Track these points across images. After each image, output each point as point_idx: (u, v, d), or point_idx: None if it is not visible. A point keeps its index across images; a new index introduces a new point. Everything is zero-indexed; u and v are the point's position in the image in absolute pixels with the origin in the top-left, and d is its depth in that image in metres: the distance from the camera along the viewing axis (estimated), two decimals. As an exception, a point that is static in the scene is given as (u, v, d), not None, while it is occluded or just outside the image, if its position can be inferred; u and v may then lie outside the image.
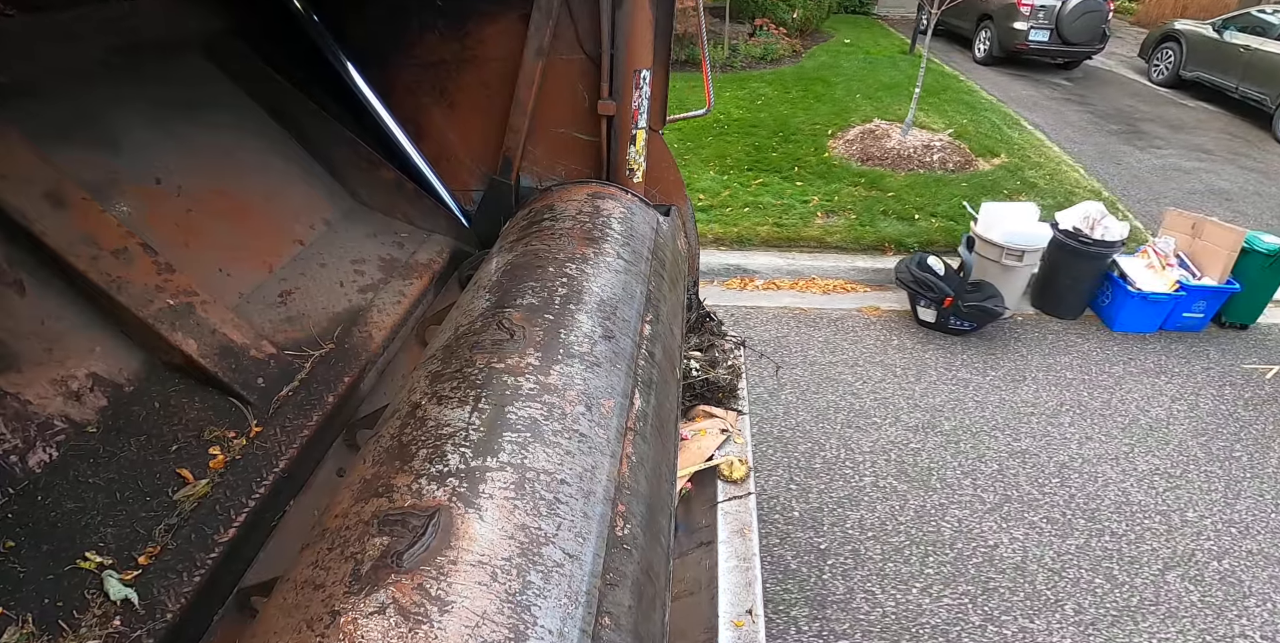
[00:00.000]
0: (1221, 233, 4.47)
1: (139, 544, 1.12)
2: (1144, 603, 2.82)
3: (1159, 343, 4.57)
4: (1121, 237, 4.49)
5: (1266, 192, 7.10)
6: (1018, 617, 2.74)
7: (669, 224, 2.10)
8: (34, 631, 0.97)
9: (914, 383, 4.05)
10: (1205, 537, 3.13)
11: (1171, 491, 3.38)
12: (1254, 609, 2.81)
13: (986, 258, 4.49)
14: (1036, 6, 10.11)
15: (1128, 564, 2.98)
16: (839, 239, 5.26)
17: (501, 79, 1.99)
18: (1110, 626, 2.72)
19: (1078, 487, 3.38)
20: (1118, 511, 3.25)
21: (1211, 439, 3.74)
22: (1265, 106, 8.97)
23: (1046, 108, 9.14)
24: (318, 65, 1.95)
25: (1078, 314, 4.80)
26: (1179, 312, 4.59)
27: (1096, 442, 3.68)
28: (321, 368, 1.49)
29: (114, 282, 1.27)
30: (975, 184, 6.21)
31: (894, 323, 4.62)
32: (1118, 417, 3.88)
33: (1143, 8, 15.60)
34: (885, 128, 6.96)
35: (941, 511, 3.21)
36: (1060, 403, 3.97)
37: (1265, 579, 2.95)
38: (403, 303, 1.75)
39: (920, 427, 3.71)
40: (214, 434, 1.32)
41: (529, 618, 0.85)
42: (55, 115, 1.39)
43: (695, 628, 1.66)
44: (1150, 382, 4.19)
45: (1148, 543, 3.09)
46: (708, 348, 2.40)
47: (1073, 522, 3.18)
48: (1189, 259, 4.63)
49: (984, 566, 2.95)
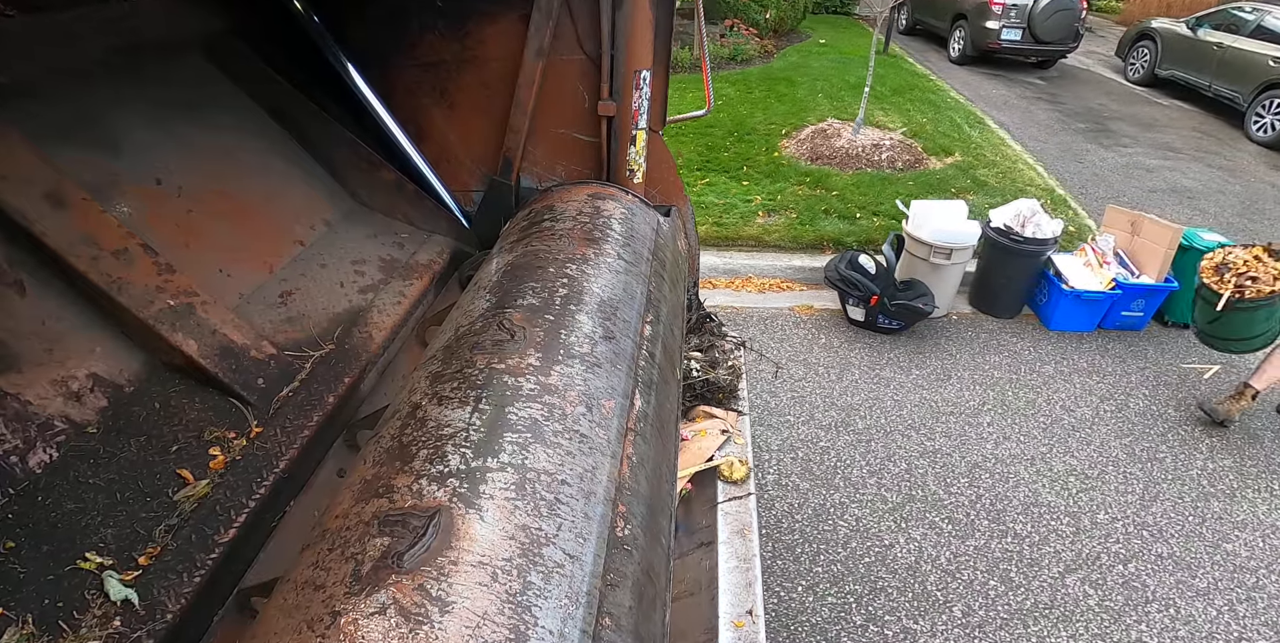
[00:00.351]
0: (1159, 230, 4.37)
1: (139, 545, 1.12)
2: (1038, 606, 2.75)
3: (1095, 342, 4.50)
4: (1054, 234, 4.41)
5: (1230, 190, 7.07)
6: (902, 617, 2.68)
7: (669, 225, 2.10)
8: (34, 631, 0.97)
9: (835, 382, 3.98)
10: (1114, 540, 3.06)
11: (1085, 492, 3.31)
12: (1155, 615, 2.74)
13: (916, 256, 4.45)
14: (1008, 5, 10.10)
15: (1027, 567, 2.91)
16: (777, 238, 5.24)
17: (501, 79, 1.99)
18: (998, 629, 2.65)
19: (986, 487, 3.31)
20: (1025, 512, 3.18)
21: (1136, 440, 3.68)
22: (1237, 104, 8.96)
23: (1015, 106, 9.12)
24: (318, 66, 1.95)
25: (1015, 313, 4.74)
26: (1117, 310, 4.52)
27: (1014, 442, 3.62)
28: (322, 368, 1.49)
29: (114, 282, 1.27)
30: (922, 183, 6.17)
31: (825, 322, 4.56)
32: (1040, 417, 3.81)
33: (1128, 7, 15.58)
34: (838, 127, 6.94)
35: (841, 509, 3.15)
36: (982, 402, 3.89)
37: (1171, 585, 2.87)
38: (403, 303, 1.75)
39: (834, 425, 3.65)
40: (214, 435, 1.32)
41: (529, 619, 0.85)
42: (55, 115, 1.39)
43: (695, 629, 1.66)
44: (1081, 381, 4.12)
45: (1051, 545, 3.02)
46: (708, 348, 2.40)
47: (975, 523, 3.11)
48: (1128, 257, 4.55)
49: (875, 565, 2.89)
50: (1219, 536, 3.11)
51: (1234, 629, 2.70)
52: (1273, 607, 2.80)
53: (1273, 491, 3.39)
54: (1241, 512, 3.25)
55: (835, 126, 6.95)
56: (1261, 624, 2.72)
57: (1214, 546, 3.06)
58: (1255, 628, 2.71)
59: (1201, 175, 7.37)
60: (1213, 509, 3.25)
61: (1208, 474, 3.47)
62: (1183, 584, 2.87)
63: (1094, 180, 6.96)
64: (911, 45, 12.06)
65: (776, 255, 5.15)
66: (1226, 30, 9.32)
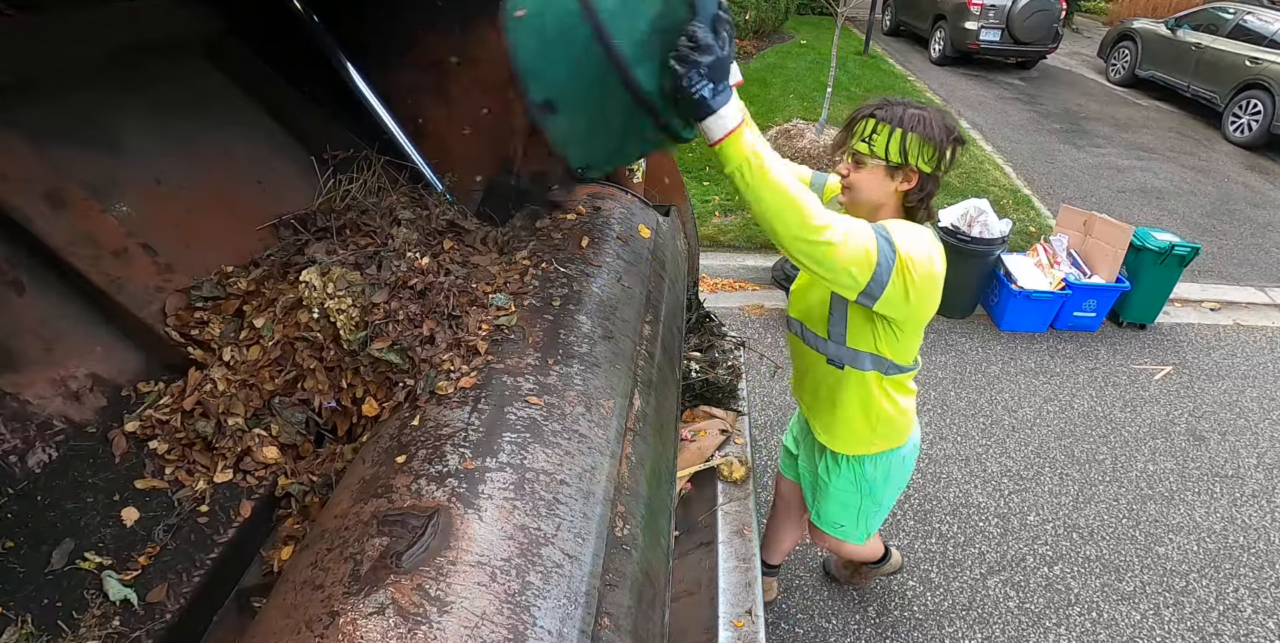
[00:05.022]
0: (1111, 230, 4.32)
1: (139, 544, 1.12)
2: (955, 607, 2.70)
3: (1046, 343, 4.45)
4: (1002, 234, 4.36)
5: (1201, 190, 7.02)
6: (814, 616, 2.63)
7: (669, 224, 2.10)
8: (33, 631, 0.97)
9: (775, 381, 3.89)
10: (1041, 542, 3.01)
11: (1018, 493, 3.26)
12: (1076, 618, 2.68)
13: None
14: (987, 6, 10.07)
15: (949, 567, 2.86)
16: (732, 238, 5.22)
17: (501, 79, 1.99)
18: (912, 629, 2.61)
19: (915, 487, 3.25)
20: (953, 513, 3.12)
21: (1077, 442, 3.61)
22: (1215, 105, 8.93)
23: (990, 107, 9.08)
24: (318, 66, 1.95)
25: (967, 313, 4.69)
26: (1068, 311, 4.46)
27: (950, 442, 3.55)
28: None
29: (114, 282, 1.28)
30: None
31: (773, 322, 4.48)
32: (980, 417, 3.75)
33: (1114, 7, 15.53)
34: (802, 127, 6.89)
35: (766, 507, 3.05)
36: (922, 402, 3.79)
37: (1097, 588, 2.81)
38: (403, 303, 1.75)
39: (768, 425, 3.58)
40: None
41: (528, 619, 0.85)
42: (55, 115, 1.39)
43: (695, 628, 1.66)
44: (1026, 382, 4.06)
45: (976, 546, 2.96)
46: (707, 348, 2.40)
47: (901, 522, 3.06)
48: (1081, 257, 4.50)
49: (792, 564, 2.83)
50: (1152, 539, 3.06)
51: (1157, 634, 2.65)
52: (1200, 611, 2.75)
53: (1213, 493, 3.34)
54: (1178, 515, 3.20)
55: (800, 127, 6.91)
56: (1187, 629, 2.67)
57: (1145, 549, 3.01)
58: (1180, 633, 2.66)
59: (1173, 176, 7.33)
60: (1148, 512, 3.20)
61: (1147, 477, 3.42)
62: (1109, 588, 2.82)
63: (1062, 181, 6.91)
64: (894, 46, 12.00)
65: (730, 255, 5.14)
66: (1206, 30, 9.32)
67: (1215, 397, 4.07)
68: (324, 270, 1.34)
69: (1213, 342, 4.65)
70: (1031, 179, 6.79)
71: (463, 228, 1.65)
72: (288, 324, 1.33)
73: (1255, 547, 3.06)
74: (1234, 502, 3.31)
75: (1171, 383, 4.17)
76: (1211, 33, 9.20)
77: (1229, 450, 3.64)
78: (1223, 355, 4.50)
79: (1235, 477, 3.46)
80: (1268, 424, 3.87)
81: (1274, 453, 3.65)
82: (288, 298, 1.34)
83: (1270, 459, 3.60)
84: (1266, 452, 3.65)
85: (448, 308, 1.31)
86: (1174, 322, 4.81)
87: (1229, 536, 3.11)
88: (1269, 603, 2.81)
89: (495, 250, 1.60)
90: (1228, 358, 4.47)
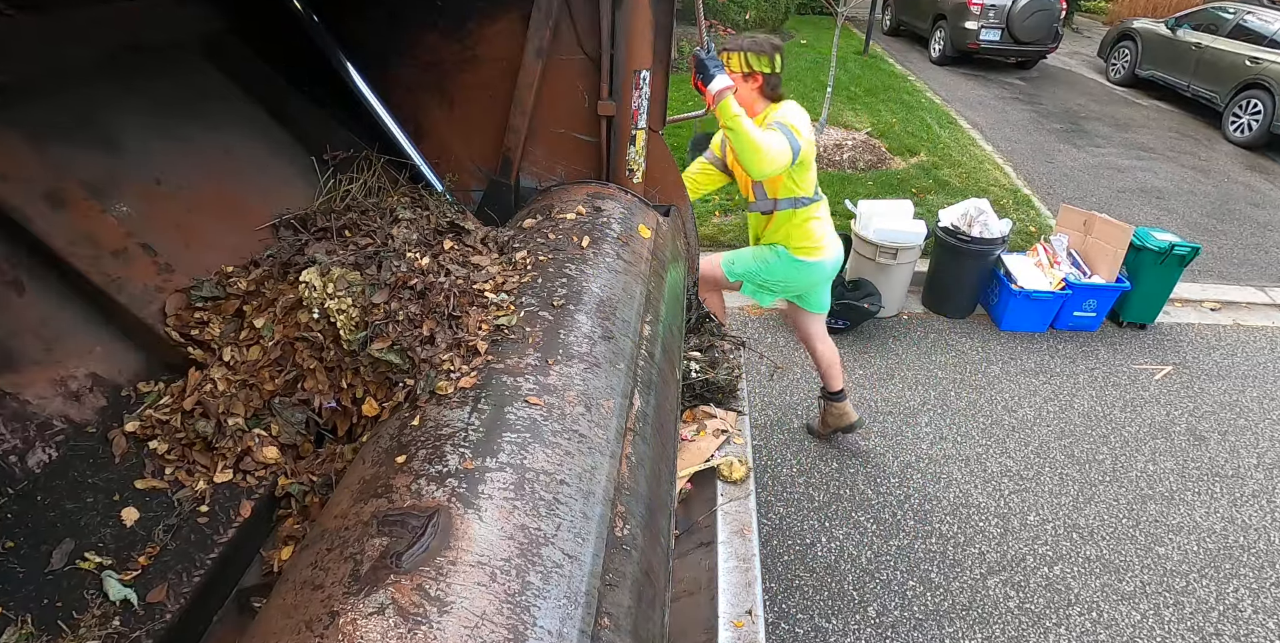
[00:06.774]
0: (1111, 230, 4.31)
1: (139, 545, 1.12)
2: (955, 607, 2.69)
3: (1046, 343, 4.44)
4: (1002, 234, 4.37)
5: (1201, 190, 7.00)
6: (814, 616, 2.63)
7: (669, 224, 2.10)
8: (33, 631, 0.98)
9: (775, 381, 3.89)
10: (1042, 542, 3.00)
11: (1017, 493, 3.25)
12: (1076, 618, 2.66)
13: (864, 256, 4.41)
14: (987, 5, 10.05)
15: (949, 567, 2.85)
16: (731, 238, 5.19)
17: (501, 79, 1.99)
18: (912, 629, 2.60)
19: (916, 487, 3.24)
20: (953, 513, 3.12)
21: (1076, 442, 3.60)
22: (1215, 104, 8.91)
23: (991, 107, 9.05)
24: (318, 65, 1.95)
25: (967, 313, 4.68)
26: (1069, 311, 4.46)
27: (950, 442, 3.54)
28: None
29: (114, 282, 1.28)
30: (882, 182, 6.09)
31: (772, 321, 4.46)
32: (980, 417, 3.74)
33: (1114, 7, 15.50)
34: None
35: (765, 508, 3.09)
36: (923, 402, 3.81)
37: (1097, 588, 2.79)
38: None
39: (769, 424, 3.57)
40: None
41: (528, 619, 0.85)
42: (55, 115, 1.39)
43: (695, 628, 1.65)
44: (1026, 382, 4.05)
45: (976, 546, 2.96)
46: (707, 348, 2.40)
47: (901, 523, 3.05)
48: (1081, 257, 4.49)
49: (794, 563, 2.83)
50: (1152, 539, 3.06)
51: (1157, 634, 2.64)
52: (1200, 611, 2.74)
53: (1213, 494, 3.33)
54: (1178, 515, 3.19)
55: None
56: (1187, 629, 2.67)
57: (1145, 549, 3.00)
58: (1180, 633, 2.65)
59: (1173, 175, 7.30)
60: (1148, 512, 3.20)
61: (1147, 477, 3.41)
62: (1109, 588, 2.81)
63: (1062, 180, 6.90)
64: (894, 46, 11.98)
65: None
66: (1206, 30, 9.30)
67: (1215, 397, 4.06)
68: (324, 271, 1.34)
69: (1213, 342, 4.64)
70: (1031, 179, 6.79)
71: (463, 228, 1.65)
72: (288, 324, 1.33)
73: (1255, 547, 3.06)
74: (1234, 502, 3.30)
75: (1171, 383, 4.16)
76: (1211, 32, 9.19)
77: (1229, 450, 3.64)
78: (1223, 355, 4.49)
79: (1235, 477, 3.46)
80: (1268, 424, 3.86)
81: (1274, 453, 3.65)
82: (288, 298, 1.34)
83: (1270, 459, 3.60)
84: (1266, 452, 3.65)
85: (447, 308, 1.32)
86: (1174, 322, 4.80)
87: (1229, 536, 3.11)
88: (1269, 603, 2.81)
89: (495, 250, 1.61)
90: (1228, 358, 4.47)
